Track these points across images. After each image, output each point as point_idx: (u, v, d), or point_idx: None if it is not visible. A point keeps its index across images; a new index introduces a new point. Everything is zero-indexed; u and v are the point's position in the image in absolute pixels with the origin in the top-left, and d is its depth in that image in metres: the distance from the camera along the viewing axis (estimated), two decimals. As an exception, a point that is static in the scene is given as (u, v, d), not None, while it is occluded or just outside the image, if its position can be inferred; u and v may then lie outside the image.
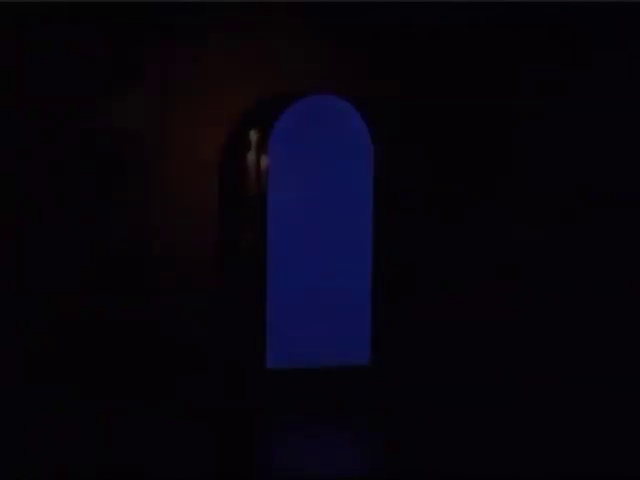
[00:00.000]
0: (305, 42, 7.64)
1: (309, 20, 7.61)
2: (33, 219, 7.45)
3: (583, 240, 7.32)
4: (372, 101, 7.72)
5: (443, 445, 7.31)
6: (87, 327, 7.44)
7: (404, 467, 6.94)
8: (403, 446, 7.38)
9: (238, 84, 7.59)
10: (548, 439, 7.19)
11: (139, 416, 7.35)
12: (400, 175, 7.75)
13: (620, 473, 6.68)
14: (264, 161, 7.10)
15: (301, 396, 8.30)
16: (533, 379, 7.42)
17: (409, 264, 7.72)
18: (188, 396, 7.51)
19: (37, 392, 7.24)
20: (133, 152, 7.52)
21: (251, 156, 6.80)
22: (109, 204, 7.50)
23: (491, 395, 7.61)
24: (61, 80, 7.45)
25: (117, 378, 7.39)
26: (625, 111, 7.27)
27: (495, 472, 6.82)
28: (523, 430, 7.34)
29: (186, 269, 7.59)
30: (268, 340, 8.78)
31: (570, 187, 7.41)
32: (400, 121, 7.72)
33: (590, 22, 7.29)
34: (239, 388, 8.02)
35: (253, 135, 6.88)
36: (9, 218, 7.41)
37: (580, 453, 7.00)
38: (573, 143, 7.39)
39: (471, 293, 7.70)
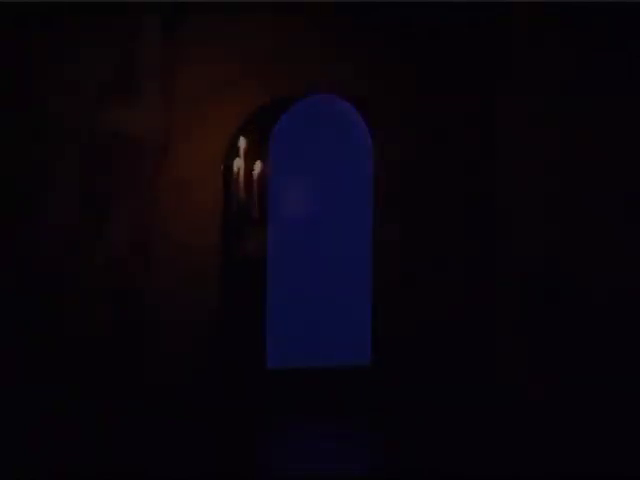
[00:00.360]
0: (305, 42, 7.62)
1: (309, 20, 7.60)
2: (33, 220, 7.43)
3: (584, 242, 7.30)
4: (372, 101, 7.72)
5: (443, 445, 7.31)
6: (87, 327, 7.42)
7: (404, 467, 6.94)
8: (403, 446, 7.37)
9: (239, 86, 7.57)
10: (549, 439, 7.18)
11: (139, 416, 7.34)
12: (400, 175, 7.75)
13: (620, 473, 6.69)
14: (258, 166, 7.06)
15: (301, 396, 8.31)
16: (533, 378, 7.42)
17: (409, 263, 7.71)
18: (188, 396, 7.50)
19: (37, 392, 7.23)
20: (135, 154, 7.50)
21: (239, 162, 6.76)
22: (110, 205, 7.48)
23: (491, 395, 7.60)
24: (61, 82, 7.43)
25: (117, 378, 7.38)
26: (626, 111, 7.24)
27: (495, 472, 6.82)
28: (523, 430, 7.33)
29: (186, 269, 7.57)
30: (268, 340, 8.77)
31: (571, 190, 7.39)
32: (400, 121, 7.72)
33: (591, 22, 7.28)
34: (239, 388, 8.02)
35: (242, 142, 6.84)
36: (8, 219, 7.39)
37: (581, 454, 6.99)
38: (576, 146, 7.38)
39: (471, 293, 7.70)
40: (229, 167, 7.14)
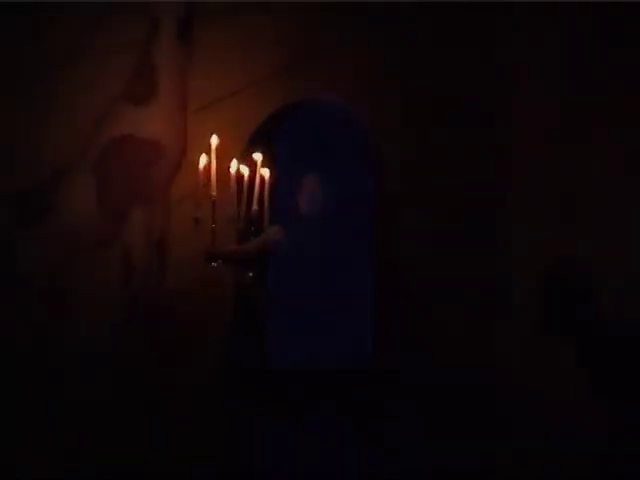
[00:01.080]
0: (305, 42, 7.63)
1: (309, 20, 7.60)
2: (37, 222, 7.42)
3: (586, 243, 7.30)
4: (372, 101, 7.72)
5: (443, 445, 7.32)
6: (89, 327, 7.41)
7: (404, 467, 6.96)
8: (403, 446, 7.39)
9: (255, 89, 7.52)
10: (549, 438, 7.19)
11: (139, 416, 7.34)
12: (400, 176, 7.77)
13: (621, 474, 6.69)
14: (234, 165, 7.00)
15: (301, 396, 8.29)
16: (533, 379, 7.43)
17: (410, 264, 7.73)
18: (188, 396, 7.50)
19: (36, 391, 7.22)
20: (147, 159, 7.45)
21: (205, 159, 6.71)
22: (126, 207, 7.42)
23: (492, 396, 7.61)
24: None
25: (117, 378, 7.38)
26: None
27: (495, 472, 6.85)
28: (523, 429, 7.34)
29: (188, 271, 7.54)
30: (268, 340, 8.76)
31: (573, 190, 7.40)
32: (400, 121, 7.73)
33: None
34: (239, 388, 8.01)
35: (214, 139, 6.74)
36: (11, 221, 7.38)
37: (579, 454, 7.01)
38: (576, 146, 7.39)
39: (472, 293, 7.71)
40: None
